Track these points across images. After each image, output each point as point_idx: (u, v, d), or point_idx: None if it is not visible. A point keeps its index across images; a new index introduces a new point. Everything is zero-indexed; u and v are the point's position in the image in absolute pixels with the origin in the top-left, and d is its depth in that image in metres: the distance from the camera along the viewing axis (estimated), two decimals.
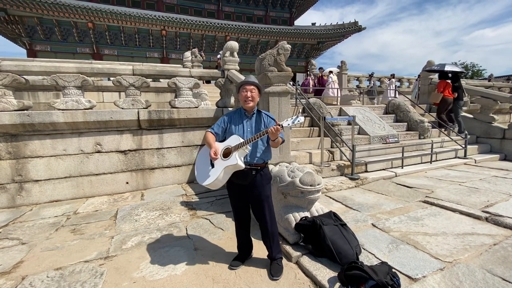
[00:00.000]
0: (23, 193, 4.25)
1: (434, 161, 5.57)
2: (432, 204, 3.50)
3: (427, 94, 8.45)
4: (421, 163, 5.52)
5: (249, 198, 2.22)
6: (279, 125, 1.93)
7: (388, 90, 11.39)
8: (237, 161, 1.99)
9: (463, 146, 5.98)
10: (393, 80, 11.74)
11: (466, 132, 6.11)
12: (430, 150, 5.52)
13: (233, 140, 2.08)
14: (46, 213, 3.88)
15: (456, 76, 7.13)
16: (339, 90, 10.17)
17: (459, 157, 5.98)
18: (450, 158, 5.93)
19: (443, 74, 7.23)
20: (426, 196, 3.76)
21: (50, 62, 6.80)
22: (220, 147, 2.11)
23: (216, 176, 2.06)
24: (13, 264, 2.51)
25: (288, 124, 1.92)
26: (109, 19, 17.07)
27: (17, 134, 4.17)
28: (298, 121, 1.91)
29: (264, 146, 2.18)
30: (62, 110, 4.29)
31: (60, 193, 4.43)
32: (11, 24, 16.38)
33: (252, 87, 2.14)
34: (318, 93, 10.35)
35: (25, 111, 4.18)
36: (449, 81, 7.08)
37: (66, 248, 2.80)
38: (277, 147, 2.30)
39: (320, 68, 11.96)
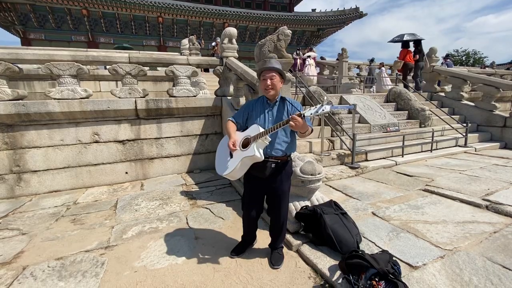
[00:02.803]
0: (22, 183, 4.23)
1: (434, 149, 5.56)
2: (432, 192, 3.50)
3: (429, 82, 8.34)
4: (422, 151, 5.51)
5: (265, 191, 2.12)
6: (300, 115, 1.74)
7: (383, 78, 11.16)
8: (255, 152, 1.86)
9: (464, 134, 5.95)
10: (383, 68, 11.50)
11: (468, 121, 6.07)
12: (431, 138, 5.49)
13: (253, 130, 1.94)
14: (46, 204, 3.87)
15: (418, 42, 8.26)
16: (314, 72, 11.09)
17: (459, 146, 5.96)
18: (450, 147, 5.91)
19: (404, 44, 8.41)
20: (427, 185, 3.75)
21: (44, 50, 6.63)
22: (240, 137, 2.00)
23: (234, 167, 1.96)
24: (14, 254, 2.51)
25: (311, 114, 1.72)
26: (104, 5, 16.61)
27: (13, 124, 4.10)
28: (323, 110, 1.69)
29: (287, 138, 2.02)
30: (58, 99, 4.20)
31: (59, 183, 4.41)
32: (3, 12, 15.95)
33: (272, 73, 1.94)
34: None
35: (20, 101, 4.09)
36: (409, 48, 8.29)
37: (67, 238, 2.80)
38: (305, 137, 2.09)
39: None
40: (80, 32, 18.38)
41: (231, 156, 2.03)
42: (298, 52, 12.39)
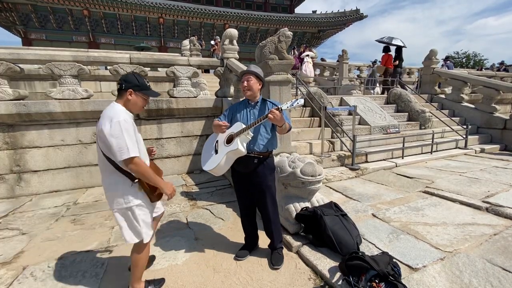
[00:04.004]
0: (22, 183, 4.23)
1: (434, 151, 5.56)
2: (432, 194, 3.50)
3: (429, 84, 8.35)
4: (422, 153, 5.50)
5: (251, 187, 2.20)
6: (278, 109, 1.88)
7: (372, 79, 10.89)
8: (238, 146, 1.97)
9: (464, 136, 5.95)
10: (375, 67, 11.32)
11: (468, 123, 6.08)
12: (431, 140, 5.49)
13: (236, 126, 2.07)
14: (46, 204, 3.87)
15: (399, 48, 8.62)
16: (312, 70, 10.94)
17: (459, 148, 5.96)
18: (450, 149, 5.91)
19: (385, 49, 8.70)
20: (427, 187, 3.75)
21: (45, 50, 6.65)
22: (224, 134, 2.12)
23: (218, 161, 2.07)
24: (14, 254, 2.51)
25: (288, 107, 1.89)
26: (105, 6, 16.65)
27: (13, 124, 4.11)
28: (298, 103, 1.87)
29: (268, 134, 2.15)
30: (59, 99, 4.21)
31: (59, 183, 4.41)
32: (4, 12, 15.97)
33: (248, 75, 2.12)
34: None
35: (21, 101, 4.10)
36: (390, 53, 8.64)
37: (67, 238, 2.80)
38: (284, 134, 2.28)
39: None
40: (81, 32, 18.42)
41: (216, 152, 2.15)
42: (293, 51, 12.43)
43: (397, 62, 8.58)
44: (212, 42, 13.89)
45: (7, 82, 4.17)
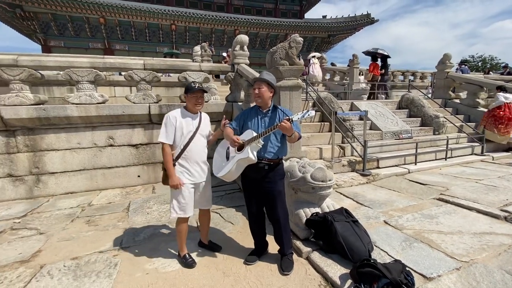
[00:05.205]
0: (40, 184, 4.39)
1: (449, 157, 5.41)
2: (447, 201, 3.41)
3: (443, 88, 8.18)
4: (436, 159, 5.38)
5: (261, 193, 2.22)
6: (289, 119, 1.92)
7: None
8: (249, 154, 2.01)
9: (481, 142, 5.78)
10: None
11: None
12: (445, 146, 5.36)
13: (247, 134, 2.10)
14: (62, 204, 3.99)
15: (384, 57, 9.18)
16: (319, 71, 10.98)
17: (476, 154, 5.79)
18: (466, 155, 5.75)
19: (373, 58, 9.22)
20: (441, 194, 3.66)
21: (64, 57, 6.92)
22: None
23: (229, 168, 2.12)
24: (32, 253, 2.61)
25: (298, 118, 1.91)
26: (120, 14, 17.21)
27: (33, 127, 4.28)
28: (309, 114, 1.90)
29: (278, 142, 2.17)
30: (76, 104, 4.37)
31: (75, 185, 4.55)
32: (26, 20, 16.74)
33: (259, 83, 2.15)
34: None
35: (41, 105, 4.28)
36: (377, 62, 9.12)
37: (82, 238, 2.88)
38: (295, 143, 2.29)
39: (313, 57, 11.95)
40: (97, 39, 19.06)
41: (227, 159, 2.20)
42: (300, 58, 12.44)
43: (383, 71, 9.20)
44: (224, 54, 14.07)
45: (28, 88, 4.36)
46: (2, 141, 4.17)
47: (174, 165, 2.24)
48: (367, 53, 9.50)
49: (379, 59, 9.22)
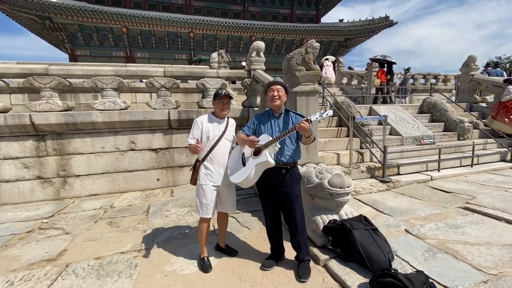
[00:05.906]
0: (66, 186, 4.63)
1: (475, 164, 5.15)
2: (473, 211, 3.24)
3: (468, 92, 7.83)
4: (461, 166, 5.13)
5: (278, 197, 2.22)
6: (307, 120, 1.92)
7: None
8: (267, 158, 2.01)
9: (510, 148, 5.45)
10: (408, 76, 10.93)
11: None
12: (471, 152, 5.10)
13: (263, 139, 2.11)
14: (86, 206, 4.18)
15: (390, 64, 9.38)
16: (332, 73, 11.18)
17: (504, 161, 5.47)
18: (494, 162, 5.45)
19: (380, 64, 9.49)
20: (467, 202, 3.48)
21: (90, 66, 7.30)
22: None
23: (248, 174, 2.12)
24: (58, 252, 2.75)
25: (317, 118, 1.92)
26: (142, 23, 17.97)
27: (61, 132, 4.54)
28: (327, 114, 1.91)
29: (293, 145, 2.19)
30: (101, 110, 4.59)
31: (98, 187, 4.76)
32: (55, 31, 17.89)
33: (278, 86, 2.19)
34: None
35: (69, 112, 4.54)
36: (384, 68, 9.30)
37: (104, 239, 3.00)
38: (309, 145, 2.28)
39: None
40: (120, 48, 19.98)
41: (244, 164, 2.19)
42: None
43: (388, 76, 9.38)
44: (243, 63, 14.28)
45: (57, 95, 4.65)
46: (33, 145, 4.45)
47: (200, 166, 2.37)
48: (374, 59, 9.79)
49: (385, 65, 9.47)
